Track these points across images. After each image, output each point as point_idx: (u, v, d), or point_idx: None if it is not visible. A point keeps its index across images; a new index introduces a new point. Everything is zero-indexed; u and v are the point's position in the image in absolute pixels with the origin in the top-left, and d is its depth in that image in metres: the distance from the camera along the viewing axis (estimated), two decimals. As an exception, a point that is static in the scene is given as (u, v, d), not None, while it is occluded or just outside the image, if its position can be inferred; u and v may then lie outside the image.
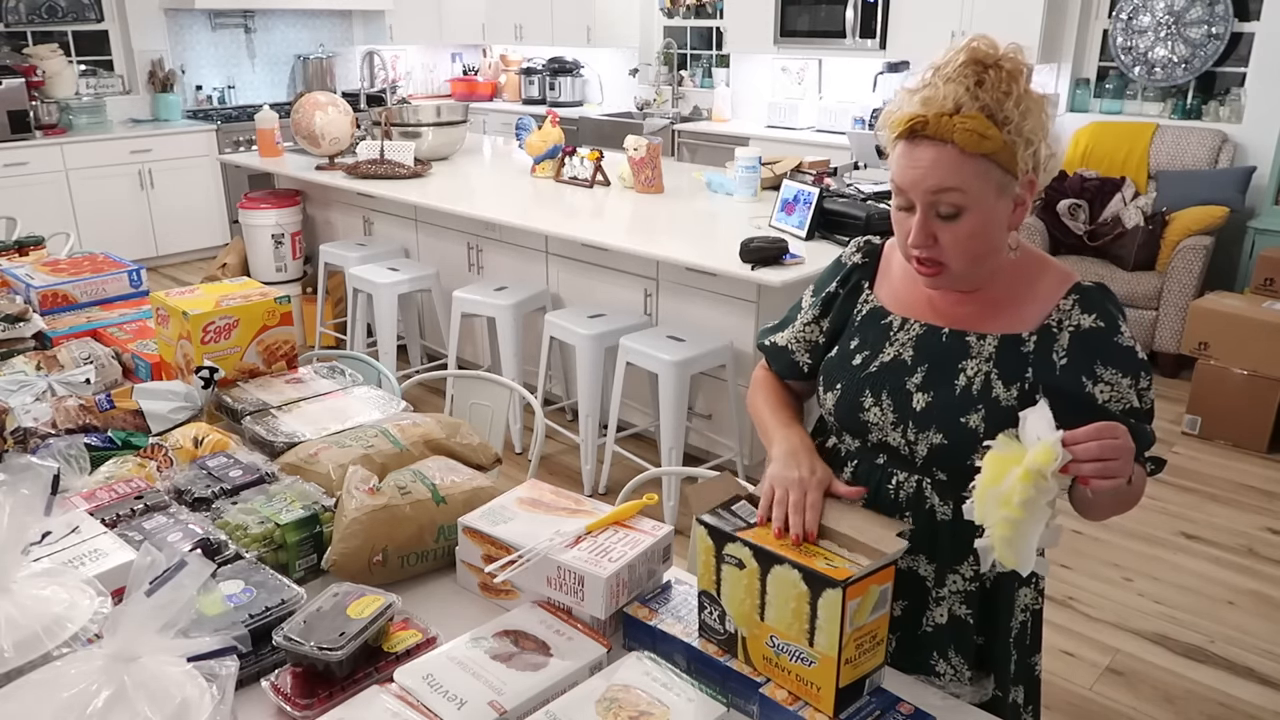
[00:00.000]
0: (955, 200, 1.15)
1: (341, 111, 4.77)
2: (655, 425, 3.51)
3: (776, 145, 5.70)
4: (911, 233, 1.19)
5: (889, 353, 1.30)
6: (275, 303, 1.93)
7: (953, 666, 1.32)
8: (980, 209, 1.15)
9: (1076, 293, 1.23)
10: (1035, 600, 1.35)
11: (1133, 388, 1.20)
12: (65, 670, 0.99)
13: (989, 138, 1.12)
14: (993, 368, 1.23)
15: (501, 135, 6.48)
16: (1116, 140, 5.03)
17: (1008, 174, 1.15)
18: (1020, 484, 1.03)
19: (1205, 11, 4.83)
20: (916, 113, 1.15)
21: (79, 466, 1.55)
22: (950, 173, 1.13)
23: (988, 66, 1.14)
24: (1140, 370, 1.21)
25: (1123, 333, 1.21)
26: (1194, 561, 3.08)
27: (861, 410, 1.30)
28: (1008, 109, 1.13)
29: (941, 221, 1.17)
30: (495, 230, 4.01)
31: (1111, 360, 1.19)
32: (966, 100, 1.12)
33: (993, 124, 1.12)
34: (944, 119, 1.12)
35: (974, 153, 1.12)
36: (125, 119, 6.61)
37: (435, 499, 1.43)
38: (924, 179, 1.15)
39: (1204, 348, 3.91)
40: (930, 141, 1.14)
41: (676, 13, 7.09)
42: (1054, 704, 2.44)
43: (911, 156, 1.16)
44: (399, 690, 1.11)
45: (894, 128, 1.18)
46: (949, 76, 1.14)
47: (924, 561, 1.31)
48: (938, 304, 1.29)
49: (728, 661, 1.17)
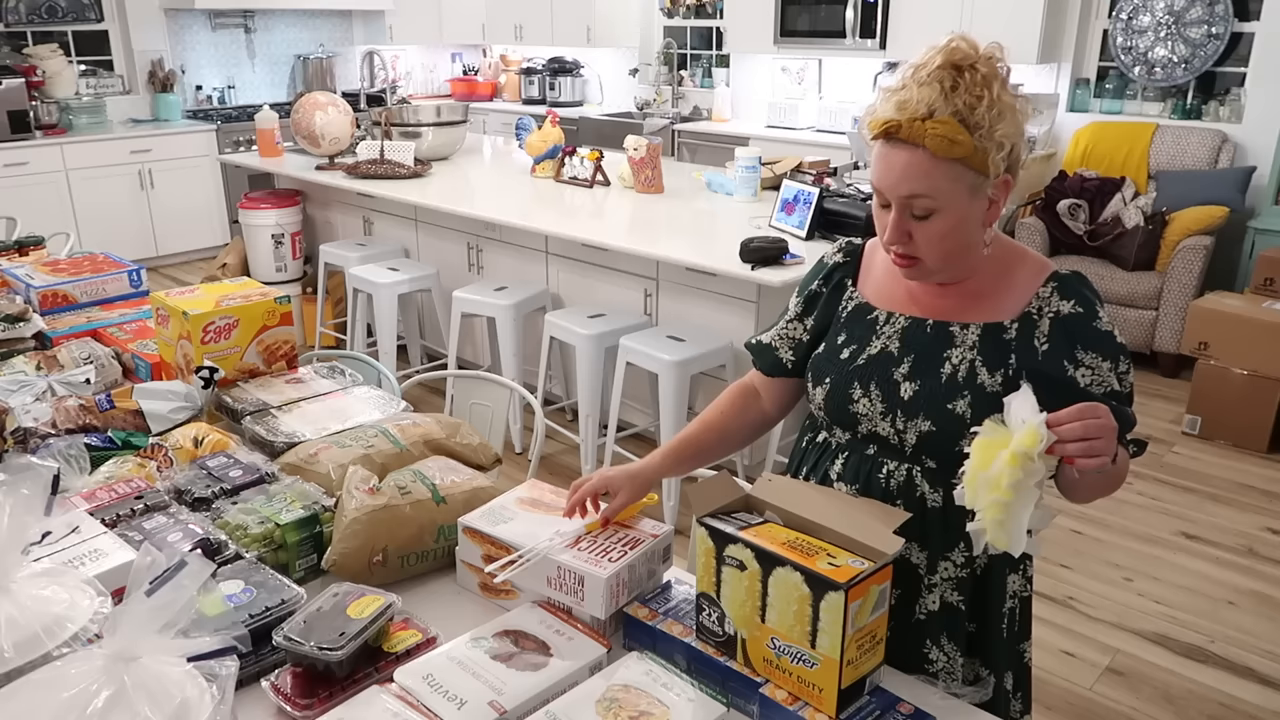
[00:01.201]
0: (926, 204, 1.19)
1: (341, 111, 4.77)
2: (655, 425, 3.51)
3: (776, 145, 5.70)
4: (887, 229, 1.23)
5: (876, 345, 1.33)
6: (275, 303, 1.93)
7: (945, 654, 1.34)
8: (952, 210, 1.19)
9: (1055, 280, 1.27)
10: (1024, 587, 1.39)
11: (1113, 371, 1.23)
12: (65, 670, 0.99)
13: (959, 143, 1.14)
14: (977, 355, 1.26)
15: (501, 135, 6.48)
16: (1116, 140, 5.03)
17: (980, 175, 1.18)
18: (1008, 467, 1.04)
19: (1205, 11, 4.83)
20: (890, 117, 1.18)
21: (79, 466, 1.55)
22: (921, 178, 1.17)
23: (963, 70, 1.16)
24: (1119, 354, 1.24)
25: (1100, 318, 1.25)
26: (1194, 561, 3.08)
27: (851, 402, 1.33)
28: (979, 114, 1.15)
29: (915, 221, 1.21)
30: (495, 230, 4.01)
31: (1091, 345, 1.23)
32: (940, 104, 1.15)
33: (964, 129, 1.14)
34: (916, 124, 1.15)
35: (945, 157, 1.15)
36: (125, 119, 6.61)
37: (435, 499, 1.43)
38: (897, 184, 1.19)
39: (1204, 348, 3.91)
40: (903, 145, 1.17)
41: (676, 13, 7.09)
42: (1054, 704, 2.44)
43: (886, 159, 1.20)
44: (399, 690, 1.11)
45: (871, 129, 1.21)
46: (923, 80, 1.16)
47: (916, 549, 1.33)
48: (920, 297, 1.33)
49: (727, 662, 1.17)
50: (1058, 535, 3.19)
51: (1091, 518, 3.32)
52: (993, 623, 1.36)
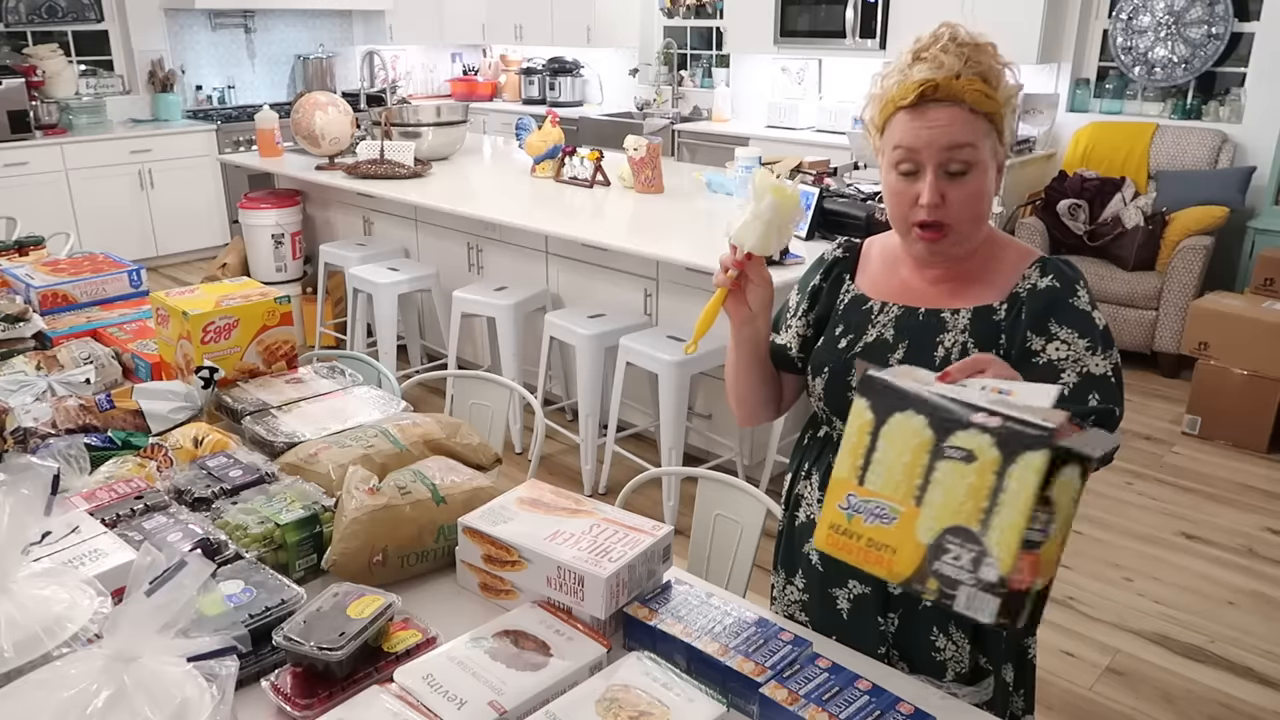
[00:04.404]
0: (968, 156, 1.23)
1: (341, 111, 4.77)
2: (655, 425, 3.51)
3: (776, 145, 5.70)
4: (924, 192, 1.24)
5: (871, 334, 1.37)
6: (275, 303, 1.93)
7: (954, 642, 1.34)
8: (982, 167, 1.24)
9: (1039, 262, 1.31)
10: None
11: (1090, 352, 1.24)
12: (65, 670, 0.99)
13: (992, 98, 1.23)
14: (968, 337, 1.29)
15: (501, 135, 6.48)
16: (1116, 140, 5.03)
17: (998, 140, 1.26)
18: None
19: (1205, 11, 4.83)
20: (927, 78, 1.23)
21: (79, 466, 1.55)
22: (964, 129, 1.22)
23: (966, 43, 1.24)
24: (1098, 336, 1.25)
25: (1079, 295, 1.27)
26: (1194, 561, 3.08)
27: (848, 390, 1.35)
28: (994, 76, 1.24)
29: (950, 181, 1.24)
30: (495, 230, 4.01)
31: (1066, 319, 1.25)
32: (964, 69, 1.22)
33: (991, 87, 1.23)
34: (953, 82, 1.22)
35: (981, 111, 1.22)
36: (125, 119, 6.61)
37: (435, 499, 1.43)
38: (940, 136, 1.23)
39: (1204, 348, 3.91)
40: (942, 104, 1.22)
41: (676, 13, 7.09)
42: (1054, 704, 2.44)
43: (924, 118, 1.23)
44: (399, 690, 1.11)
45: (898, 99, 1.25)
46: (944, 49, 1.23)
47: None
48: (913, 287, 1.37)
49: (729, 661, 1.17)
50: (1058, 535, 3.19)
51: (1091, 518, 3.32)
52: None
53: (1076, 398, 1.21)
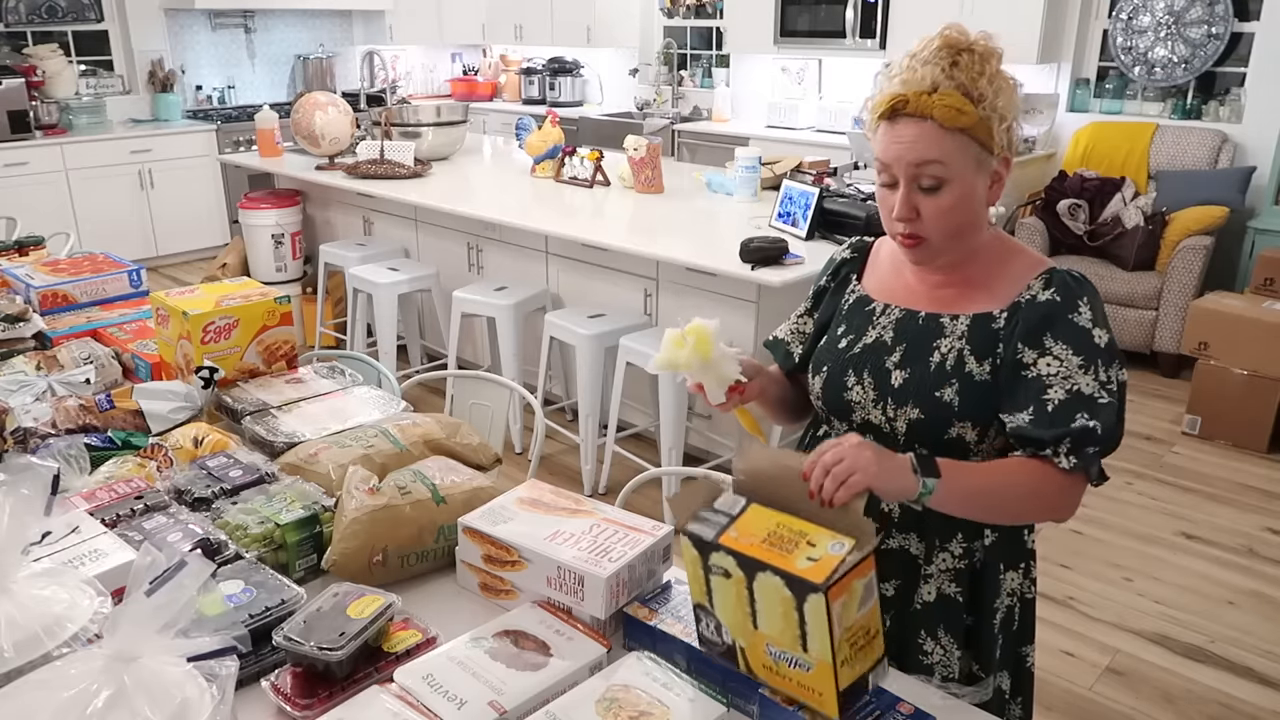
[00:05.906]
0: (936, 173, 1.21)
1: (341, 111, 4.77)
2: (655, 425, 3.51)
3: (776, 145, 5.70)
4: (895, 206, 1.25)
5: (871, 335, 1.36)
6: (275, 303, 1.93)
7: (942, 646, 1.34)
8: (960, 182, 1.22)
9: (1047, 274, 1.28)
10: (1026, 587, 1.38)
11: (1084, 371, 1.21)
12: (65, 670, 0.99)
13: (965, 113, 1.19)
14: (965, 344, 1.28)
15: (501, 135, 6.48)
16: (1116, 140, 5.03)
17: (984, 150, 1.22)
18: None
19: (1205, 11, 4.83)
20: (897, 93, 1.22)
21: (79, 466, 1.55)
22: (931, 146, 1.20)
23: (961, 50, 1.21)
24: (1096, 357, 1.21)
25: (1080, 311, 1.23)
26: (1194, 561, 3.08)
27: (845, 389, 1.35)
28: (981, 86, 1.20)
29: (923, 195, 1.23)
30: (495, 230, 4.01)
31: (1062, 335, 1.23)
32: (943, 80, 1.20)
33: (969, 101, 1.19)
34: (923, 97, 1.20)
35: (952, 127, 1.19)
36: (125, 119, 6.61)
37: (435, 499, 1.43)
38: (906, 153, 1.22)
39: (1204, 348, 3.91)
40: (911, 118, 1.21)
41: (676, 13, 7.09)
42: (1054, 704, 2.44)
43: (894, 133, 1.23)
44: (399, 690, 1.11)
45: (876, 109, 1.25)
46: (925, 60, 1.21)
47: (915, 539, 1.34)
48: (917, 290, 1.35)
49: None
50: (1058, 535, 3.19)
51: (1091, 518, 3.32)
52: (988, 617, 1.36)
53: (1062, 416, 1.19)
